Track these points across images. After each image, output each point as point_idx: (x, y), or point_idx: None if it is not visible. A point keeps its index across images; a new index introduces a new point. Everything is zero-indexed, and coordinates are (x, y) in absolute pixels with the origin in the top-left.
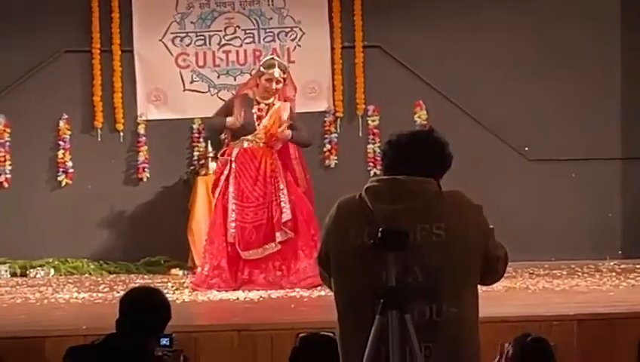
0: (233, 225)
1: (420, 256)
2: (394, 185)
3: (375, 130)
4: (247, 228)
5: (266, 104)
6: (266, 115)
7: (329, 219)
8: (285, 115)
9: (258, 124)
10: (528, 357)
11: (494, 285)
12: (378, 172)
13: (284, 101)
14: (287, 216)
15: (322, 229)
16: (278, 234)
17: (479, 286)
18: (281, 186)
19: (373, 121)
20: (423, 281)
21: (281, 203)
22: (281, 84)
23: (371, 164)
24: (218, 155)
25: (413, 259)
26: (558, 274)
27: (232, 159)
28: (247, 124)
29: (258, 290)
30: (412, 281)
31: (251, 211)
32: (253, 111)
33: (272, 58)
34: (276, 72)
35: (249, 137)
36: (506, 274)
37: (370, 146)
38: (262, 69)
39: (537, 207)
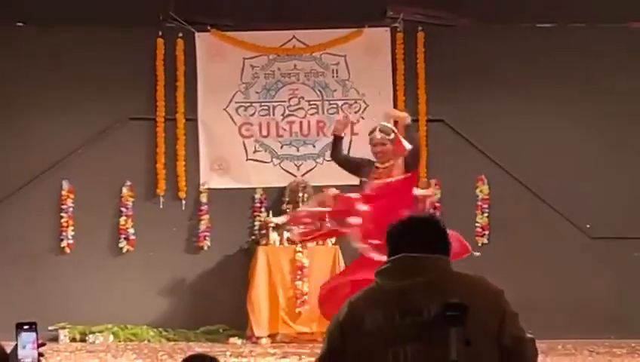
0: None
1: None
2: (404, 262)
3: (437, 204)
4: None
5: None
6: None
7: (339, 318)
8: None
9: None
10: None
11: None
12: None
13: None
14: None
15: (329, 331)
16: None
17: None
18: None
19: (435, 195)
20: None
21: None
22: (387, 146)
23: None
24: None
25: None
26: (618, 353)
27: None
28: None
29: None
30: None
31: None
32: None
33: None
34: (377, 135)
35: None
36: (566, 352)
37: None
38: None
39: (597, 284)
